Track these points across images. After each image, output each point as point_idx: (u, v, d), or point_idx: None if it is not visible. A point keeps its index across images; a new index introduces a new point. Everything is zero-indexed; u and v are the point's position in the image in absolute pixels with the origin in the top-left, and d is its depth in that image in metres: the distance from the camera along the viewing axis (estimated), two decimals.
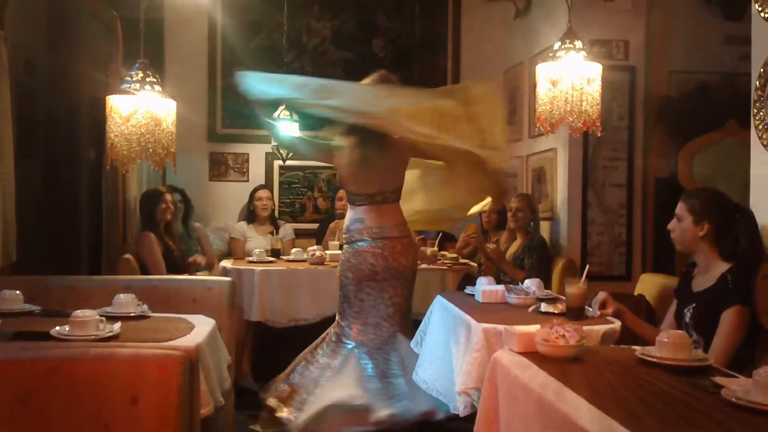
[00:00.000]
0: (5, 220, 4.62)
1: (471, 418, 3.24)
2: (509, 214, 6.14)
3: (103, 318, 3.22)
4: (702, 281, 3.43)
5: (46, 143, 5.90)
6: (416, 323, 4.45)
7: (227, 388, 3.76)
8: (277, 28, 7.85)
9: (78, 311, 3.15)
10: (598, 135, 4.60)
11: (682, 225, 3.44)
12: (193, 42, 8.00)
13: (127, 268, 5.64)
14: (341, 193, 7.00)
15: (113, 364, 2.71)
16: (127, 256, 5.78)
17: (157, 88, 4.43)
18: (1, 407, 2.60)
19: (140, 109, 4.34)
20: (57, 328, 3.12)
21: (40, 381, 2.65)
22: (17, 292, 3.69)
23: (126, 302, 3.66)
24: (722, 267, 3.34)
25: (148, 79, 4.41)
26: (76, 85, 6.03)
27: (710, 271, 3.39)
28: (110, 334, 3.10)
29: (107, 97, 4.42)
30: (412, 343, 4.35)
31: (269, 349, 5.95)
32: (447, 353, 3.77)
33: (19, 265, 4.85)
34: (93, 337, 3.05)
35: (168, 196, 6.20)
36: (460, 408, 3.47)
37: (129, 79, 4.42)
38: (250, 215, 7.14)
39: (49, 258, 5.55)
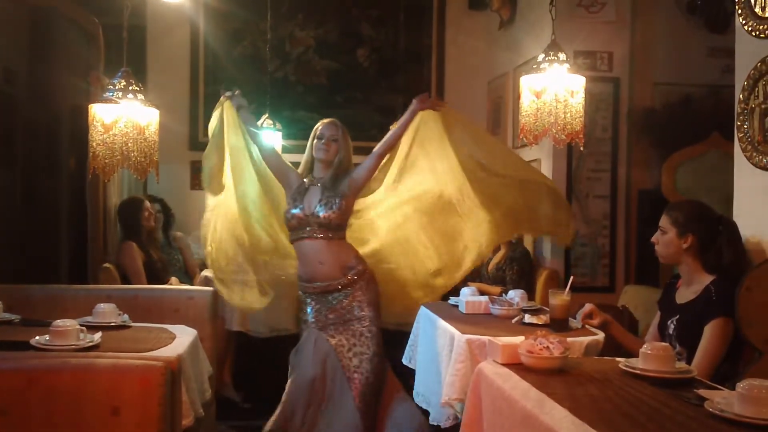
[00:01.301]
0: None
1: (455, 428, 3.24)
2: None
3: (84, 328, 3.20)
4: (686, 293, 3.43)
5: (26, 151, 5.86)
6: (404, 335, 4.43)
7: (208, 399, 3.74)
8: (260, 37, 7.82)
9: (58, 321, 3.13)
10: (581, 148, 4.60)
11: (665, 237, 3.44)
12: (175, 50, 7.94)
13: (107, 277, 5.59)
14: None
15: (94, 374, 2.69)
16: (107, 265, 5.72)
17: (140, 96, 4.41)
18: None
19: (123, 118, 4.31)
20: (37, 337, 3.10)
21: (19, 392, 2.63)
22: None
23: (107, 312, 3.64)
24: (706, 279, 3.35)
25: (131, 88, 4.38)
26: (57, 93, 5.98)
27: (694, 283, 3.39)
28: (91, 344, 3.08)
29: (89, 106, 4.39)
30: (404, 359, 4.32)
31: (251, 359, 5.93)
32: (432, 365, 3.76)
33: None
34: (73, 347, 3.02)
35: (148, 204, 6.17)
36: (442, 420, 3.47)
37: (112, 87, 4.39)
38: None
39: (29, 267, 5.50)
